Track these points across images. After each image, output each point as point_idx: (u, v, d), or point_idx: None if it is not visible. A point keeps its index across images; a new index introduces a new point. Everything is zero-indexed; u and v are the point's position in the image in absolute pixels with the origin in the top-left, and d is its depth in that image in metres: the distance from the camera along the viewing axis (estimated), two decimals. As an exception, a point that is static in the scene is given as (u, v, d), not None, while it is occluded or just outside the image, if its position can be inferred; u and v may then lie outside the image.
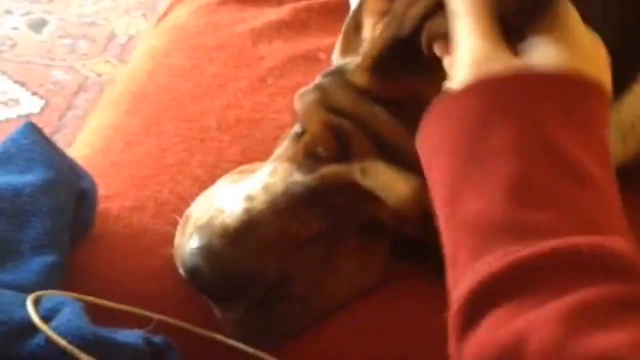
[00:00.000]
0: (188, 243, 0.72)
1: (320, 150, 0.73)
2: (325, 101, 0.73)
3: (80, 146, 0.92)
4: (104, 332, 0.61)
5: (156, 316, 0.69)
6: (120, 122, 0.93)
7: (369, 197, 0.71)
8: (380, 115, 0.71)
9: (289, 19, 1.09)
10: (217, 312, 0.73)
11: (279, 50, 1.04)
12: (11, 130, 1.89)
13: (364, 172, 0.71)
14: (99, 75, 1.95)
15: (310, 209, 0.71)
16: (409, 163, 0.68)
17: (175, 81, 0.98)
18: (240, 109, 0.93)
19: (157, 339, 0.65)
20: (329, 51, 1.02)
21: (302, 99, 0.75)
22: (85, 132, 0.95)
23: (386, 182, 0.70)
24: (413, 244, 0.74)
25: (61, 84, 1.91)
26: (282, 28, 1.08)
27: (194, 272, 0.71)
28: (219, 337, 0.72)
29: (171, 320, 0.71)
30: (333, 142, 0.72)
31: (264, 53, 1.04)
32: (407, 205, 0.70)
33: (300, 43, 1.07)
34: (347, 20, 0.85)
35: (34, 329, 0.61)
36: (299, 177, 0.72)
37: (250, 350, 0.71)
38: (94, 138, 0.92)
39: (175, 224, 0.77)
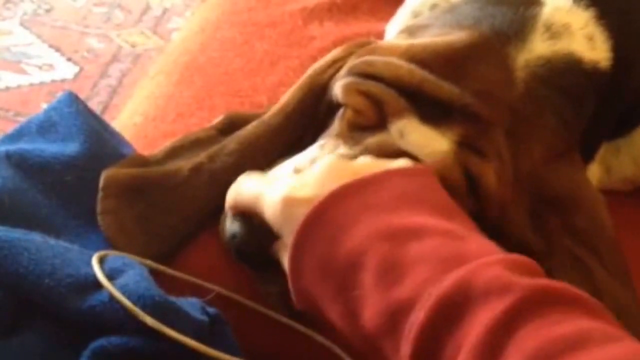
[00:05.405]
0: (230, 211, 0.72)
1: (362, 120, 0.72)
2: (357, 72, 0.73)
3: (131, 114, 0.92)
4: (170, 297, 0.61)
5: (216, 288, 0.69)
6: (172, 92, 0.93)
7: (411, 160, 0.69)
8: (412, 68, 0.71)
9: (339, 0, 1.09)
10: (260, 286, 0.73)
11: (330, 31, 1.04)
12: (44, 94, 1.89)
13: (400, 133, 0.70)
14: (133, 45, 1.94)
15: None
16: (446, 115, 0.69)
17: (226, 55, 0.98)
18: (291, 88, 0.93)
19: (211, 310, 0.65)
20: (380, 36, 1.02)
21: (338, 79, 0.75)
22: (136, 101, 0.95)
23: (421, 139, 0.69)
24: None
25: (95, 52, 1.91)
26: (333, 9, 1.08)
27: (232, 239, 0.71)
28: (273, 313, 0.72)
29: (233, 295, 0.71)
30: (370, 108, 0.72)
31: (314, 33, 1.03)
32: (446, 163, 0.69)
33: (351, 25, 1.06)
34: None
35: (97, 285, 0.61)
36: (344, 150, 0.71)
37: (293, 324, 0.71)
38: (146, 106, 0.91)
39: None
